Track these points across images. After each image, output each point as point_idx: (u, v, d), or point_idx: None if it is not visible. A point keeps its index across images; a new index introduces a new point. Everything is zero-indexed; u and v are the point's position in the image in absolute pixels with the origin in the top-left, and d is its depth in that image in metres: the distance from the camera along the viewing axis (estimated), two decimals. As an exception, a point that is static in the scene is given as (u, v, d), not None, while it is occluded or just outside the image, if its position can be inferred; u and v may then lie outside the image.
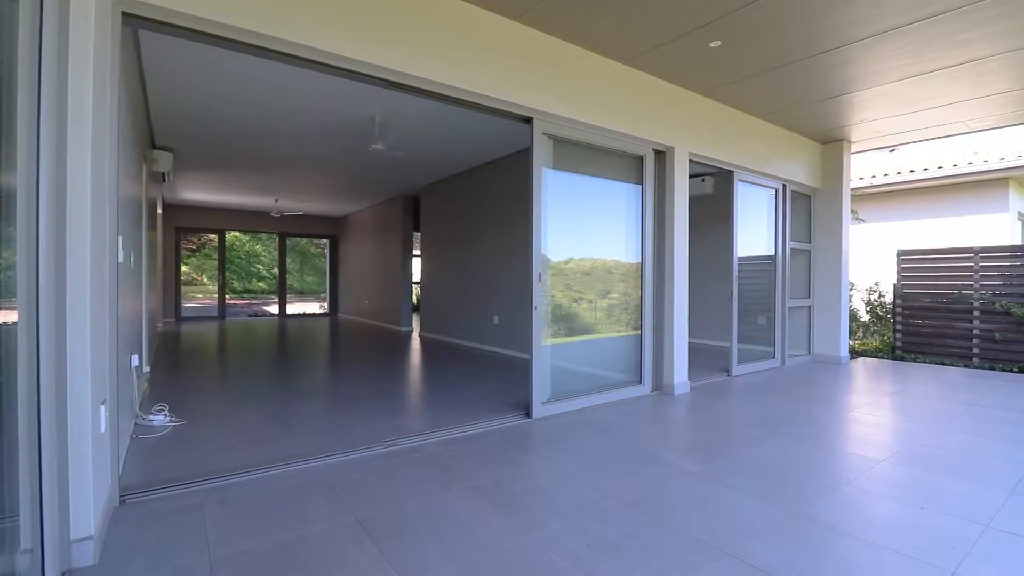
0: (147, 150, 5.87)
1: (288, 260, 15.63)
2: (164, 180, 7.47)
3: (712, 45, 4.19)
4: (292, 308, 15.33)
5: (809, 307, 7.15)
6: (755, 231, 6.50)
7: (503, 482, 2.84)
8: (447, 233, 9.13)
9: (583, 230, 4.77)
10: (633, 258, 5.01)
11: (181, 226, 12.88)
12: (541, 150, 4.15)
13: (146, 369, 5.44)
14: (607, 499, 2.63)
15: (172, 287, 12.59)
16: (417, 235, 11.01)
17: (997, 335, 6.82)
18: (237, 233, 17.24)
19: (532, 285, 4.06)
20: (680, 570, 1.99)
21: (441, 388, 5.26)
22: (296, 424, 3.92)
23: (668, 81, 4.99)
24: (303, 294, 17.11)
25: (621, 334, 4.97)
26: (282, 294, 14.76)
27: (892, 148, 11.81)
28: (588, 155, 4.65)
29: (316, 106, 5.29)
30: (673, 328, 4.99)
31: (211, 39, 2.77)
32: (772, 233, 6.64)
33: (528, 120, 4.11)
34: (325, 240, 15.69)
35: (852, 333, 8.62)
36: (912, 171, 9.63)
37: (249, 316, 14.69)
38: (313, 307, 16.16)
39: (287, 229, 14.47)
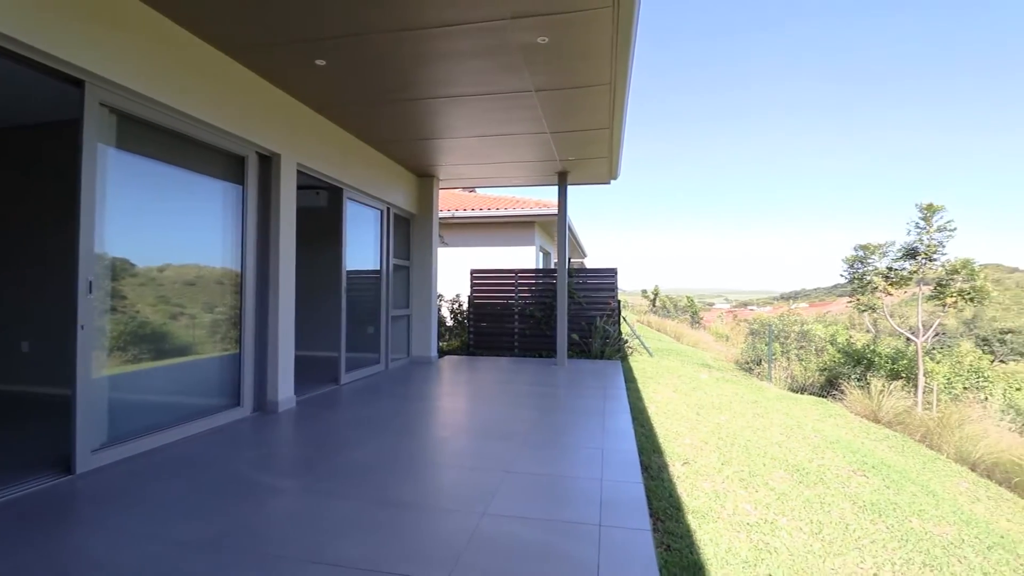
0: None
1: None
2: None
3: (318, 63, 4.29)
4: None
5: (408, 316, 8.19)
6: (366, 247, 7.00)
7: None
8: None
9: (178, 231, 4.05)
10: (236, 266, 4.55)
11: None
12: (98, 122, 3.27)
13: None
14: (179, 548, 2.25)
15: None
16: None
17: (527, 332, 9.60)
18: None
19: (77, 298, 3.11)
20: (260, 597, 1.90)
21: None
22: None
23: (278, 87, 4.80)
24: None
25: (224, 352, 4.40)
26: None
27: (471, 189, 15.04)
28: (176, 144, 3.96)
29: None
30: (279, 342, 4.77)
31: None
32: (379, 250, 7.29)
33: (79, 83, 3.17)
34: None
35: (441, 336, 10.38)
36: (482, 209, 12.47)
37: None
38: None
39: None
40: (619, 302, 9.73)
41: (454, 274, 12.05)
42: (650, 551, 2.29)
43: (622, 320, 10.01)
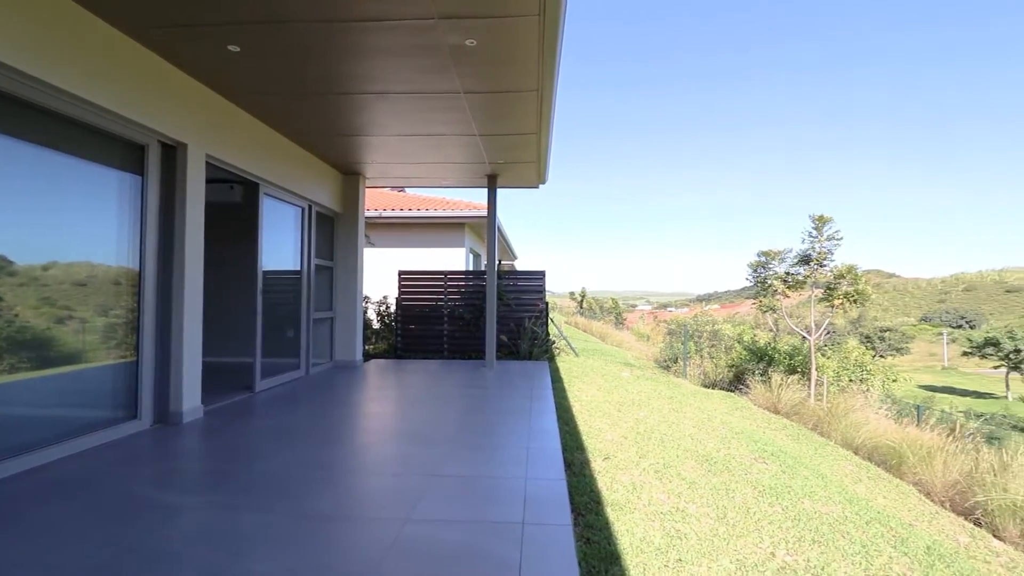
0: None
1: None
2: None
3: (231, 49, 4.02)
4: None
5: (331, 318, 7.88)
6: (285, 246, 6.64)
7: None
8: None
9: (66, 226, 3.67)
10: (135, 265, 4.15)
11: None
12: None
13: None
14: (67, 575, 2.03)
15: None
16: None
17: (457, 334, 9.55)
18: None
19: (-66, 299, 2.71)
20: (156, 624, 1.75)
21: None
22: None
23: (185, 72, 4.44)
24: None
25: (119, 360, 3.99)
26: None
27: (401, 189, 14.73)
28: (63, 128, 3.56)
29: None
30: (183, 347, 4.41)
31: None
32: (299, 249, 6.95)
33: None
34: None
35: (367, 339, 10.07)
36: (411, 210, 12.26)
37: None
38: None
39: None
40: (547, 304, 9.94)
41: (382, 275, 11.74)
42: (570, 545, 2.36)
43: (550, 321, 10.23)
